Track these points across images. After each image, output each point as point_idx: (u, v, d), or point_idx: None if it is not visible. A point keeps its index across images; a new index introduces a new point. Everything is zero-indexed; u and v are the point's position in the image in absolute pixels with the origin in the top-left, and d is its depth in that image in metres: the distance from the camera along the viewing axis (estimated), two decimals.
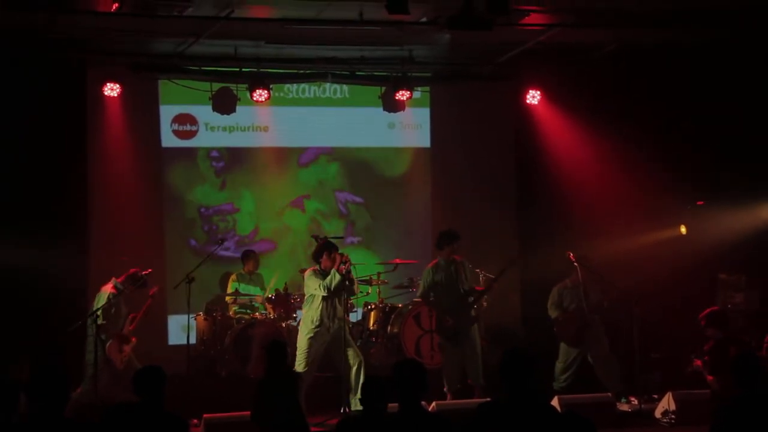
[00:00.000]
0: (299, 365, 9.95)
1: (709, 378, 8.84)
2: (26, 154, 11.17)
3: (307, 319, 10.16)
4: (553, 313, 11.02)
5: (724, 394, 8.30)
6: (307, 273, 10.26)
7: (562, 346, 11.01)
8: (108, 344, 10.17)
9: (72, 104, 11.64)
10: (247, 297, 11.81)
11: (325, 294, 10.00)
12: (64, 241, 11.27)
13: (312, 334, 10.05)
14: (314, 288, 10.05)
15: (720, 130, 12.10)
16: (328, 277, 9.96)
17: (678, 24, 10.81)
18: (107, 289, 10.38)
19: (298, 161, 13.03)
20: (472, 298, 10.75)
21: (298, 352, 10.05)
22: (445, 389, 10.61)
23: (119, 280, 10.48)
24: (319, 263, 10.16)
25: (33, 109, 11.07)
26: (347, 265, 10.04)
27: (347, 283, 10.05)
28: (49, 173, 11.37)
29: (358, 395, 9.79)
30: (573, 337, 10.90)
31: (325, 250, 10.16)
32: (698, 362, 8.95)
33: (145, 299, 10.62)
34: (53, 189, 11.40)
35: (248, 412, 8.05)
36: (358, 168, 13.22)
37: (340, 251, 10.17)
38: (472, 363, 10.62)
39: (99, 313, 10.02)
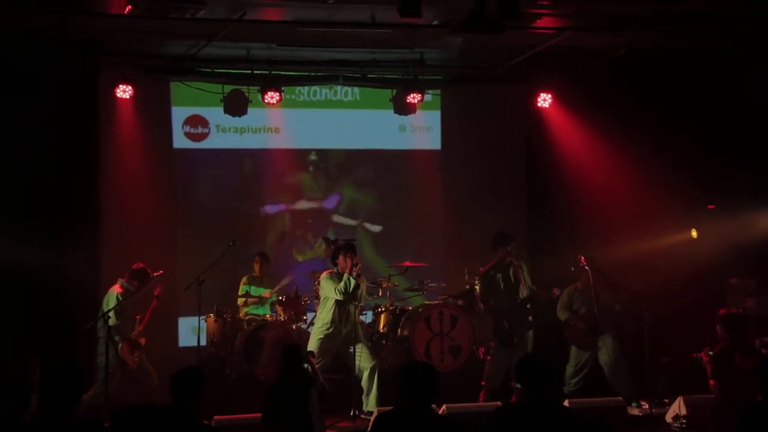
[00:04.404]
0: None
1: (711, 383, 8.70)
2: (39, 155, 11.18)
3: (319, 321, 10.21)
4: (562, 316, 11.02)
5: (724, 401, 8.26)
6: (324, 275, 10.27)
7: (573, 349, 11.00)
8: (120, 346, 10.19)
9: (84, 106, 11.65)
10: (257, 297, 11.82)
11: (341, 298, 10.01)
12: (75, 242, 11.29)
13: (322, 336, 10.07)
14: (329, 291, 10.06)
15: (731, 133, 12.07)
16: (342, 282, 9.98)
17: (688, 28, 10.78)
18: (115, 290, 10.36)
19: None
20: (530, 305, 10.78)
21: None
22: (482, 383, 10.62)
23: (124, 279, 10.48)
24: (336, 265, 10.18)
25: (45, 111, 11.07)
26: (358, 268, 10.05)
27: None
28: (62, 174, 11.39)
29: (372, 397, 9.91)
30: (583, 341, 10.89)
31: (341, 253, 10.19)
32: (703, 355, 8.86)
33: (149, 300, 10.62)
34: (66, 190, 11.42)
35: (259, 414, 8.02)
36: (369, 170, 13.25)
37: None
38: None
39: (111, 314, 10.00)
